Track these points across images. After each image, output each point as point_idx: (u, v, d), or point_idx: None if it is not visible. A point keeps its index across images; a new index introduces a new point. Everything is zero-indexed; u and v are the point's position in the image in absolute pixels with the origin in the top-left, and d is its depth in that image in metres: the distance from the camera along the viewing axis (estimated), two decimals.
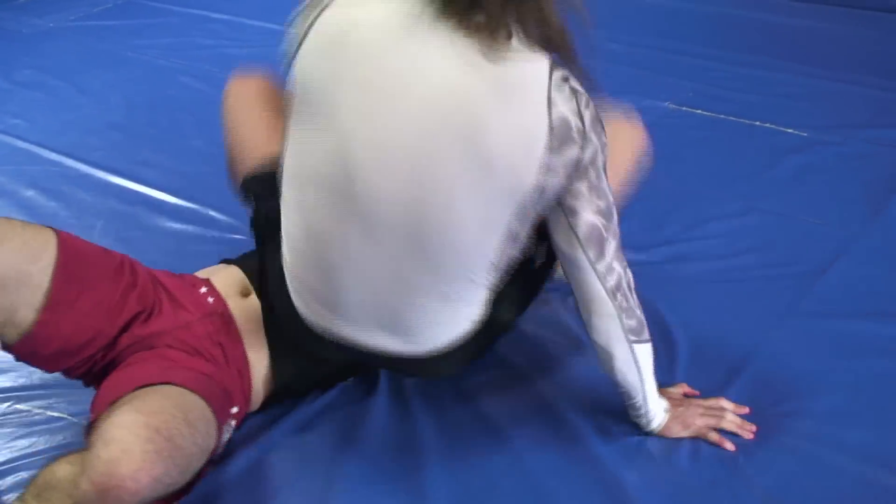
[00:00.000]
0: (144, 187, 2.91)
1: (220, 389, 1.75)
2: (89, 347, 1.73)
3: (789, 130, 3.02)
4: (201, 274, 2.02)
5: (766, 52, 3.63)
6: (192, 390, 1.64)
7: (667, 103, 3.25)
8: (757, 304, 2.22)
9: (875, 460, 1.76)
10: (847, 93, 3.26)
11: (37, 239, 1.69)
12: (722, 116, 3.14)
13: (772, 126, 3.05)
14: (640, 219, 2.54)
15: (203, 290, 1.93)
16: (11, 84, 3.85)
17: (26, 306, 1.64)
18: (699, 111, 3.19)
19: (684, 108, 3.22)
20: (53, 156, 3.19)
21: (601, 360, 1.70)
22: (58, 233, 1.73)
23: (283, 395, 1.95)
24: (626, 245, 1.65)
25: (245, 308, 1.93)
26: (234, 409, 1.81)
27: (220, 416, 1.69)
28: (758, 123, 3.08)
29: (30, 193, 2.96)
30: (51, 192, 2.95)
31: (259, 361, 1.89)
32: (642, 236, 2.48)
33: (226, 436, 1.75)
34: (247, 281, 1.98)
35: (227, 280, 1.98)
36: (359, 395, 1.99)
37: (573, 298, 1.68)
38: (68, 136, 3.32)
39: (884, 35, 3.80)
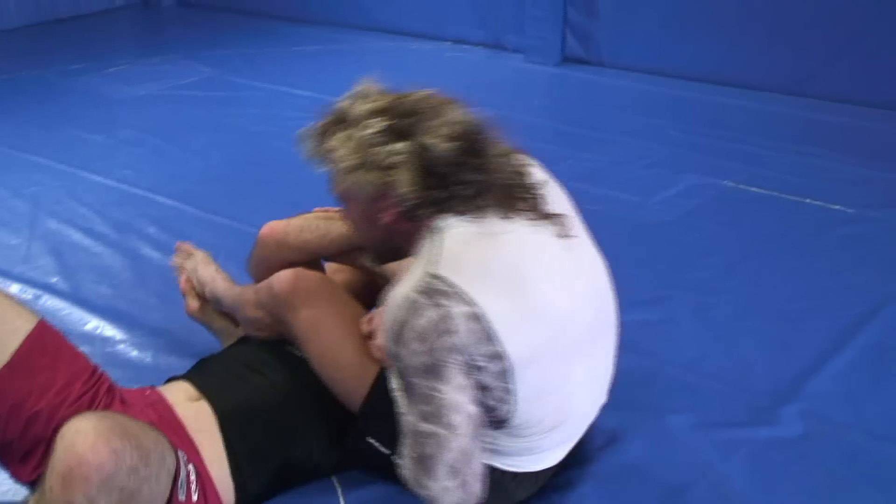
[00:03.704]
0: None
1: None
2: (32, 425, 1.78)
3: (837, 207, 3.36)
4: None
5: (813, 143, 3.99)
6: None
7: (725, 181, 3.59)
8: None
9: None
10: (887, 179, 3.62)
11: (21, 311, 1.85)
12: (776, 193, 3.48)
13: (821, 203, 3.39)
14: (711, 270, 2.90)
15: (147, 392, 2.04)
16: (116, 140, 4.22)
17: None
18: (755, 188, 3.53)
19: (741, 186, 3.56)
20: (169, 201, 3.53)
21: None
22: (42, 320, 1.88)
23: (255, 497, 1.97)
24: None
25: (196, 409, 2.00)
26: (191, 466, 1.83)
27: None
28: (808, 200, 3.42)
29: (152, 230, 3.28)
30: (172, 230, 3.26)
31: (216, 459, 1.92)
32: (716, 283, 2.86)
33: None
34: (192, 388, 2.06)
35: (174, 388, 2.08)
36: None
37: None
38: (179, 186, 3.66)
39: None
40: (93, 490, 1.48)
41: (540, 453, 1.86)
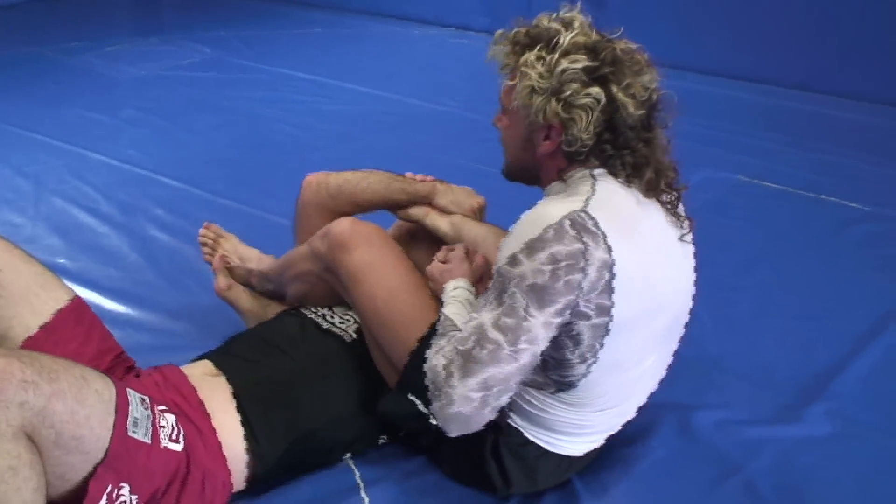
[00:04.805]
0: (270, 214, 3.14)
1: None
2: None
3: (853, 204, 3.32)
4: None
5: (825, 140, 3.95)
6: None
7: (739, 175, 3.56)
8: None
9: None
10: None
11: (62, 284, 1.91)
12: (790, 189, 3.45)
13: (836, 200, 3.36)
14: (730, 266, 2.86)
15: (164, 367, 1.99)
16: (118, 120, 4.14)
17: (21, 325, 1.83)
18: (769, 184, 3.49)
19: (755, 181, 3.52)
20: (175, 183, 3.46)
21: None
22: (80, 297, 1.93)
23: (273, 470, 1.90)
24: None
25: (213, 383, 1.95)
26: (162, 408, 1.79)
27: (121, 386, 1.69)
28: (823, 197, 3.38)
29: (159, 212, 3.22)
30: (179, 212, 3.20)
31: (228, 425, 1.87)
32: (735, 280, 2.83)
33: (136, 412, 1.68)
34: (212, 365, 2.02)
35: (193, 366, 2.04)
36: None
37: None
38: (184, 168, 3.59)
39: None
40: None
41: (581, 435, 1.84)
